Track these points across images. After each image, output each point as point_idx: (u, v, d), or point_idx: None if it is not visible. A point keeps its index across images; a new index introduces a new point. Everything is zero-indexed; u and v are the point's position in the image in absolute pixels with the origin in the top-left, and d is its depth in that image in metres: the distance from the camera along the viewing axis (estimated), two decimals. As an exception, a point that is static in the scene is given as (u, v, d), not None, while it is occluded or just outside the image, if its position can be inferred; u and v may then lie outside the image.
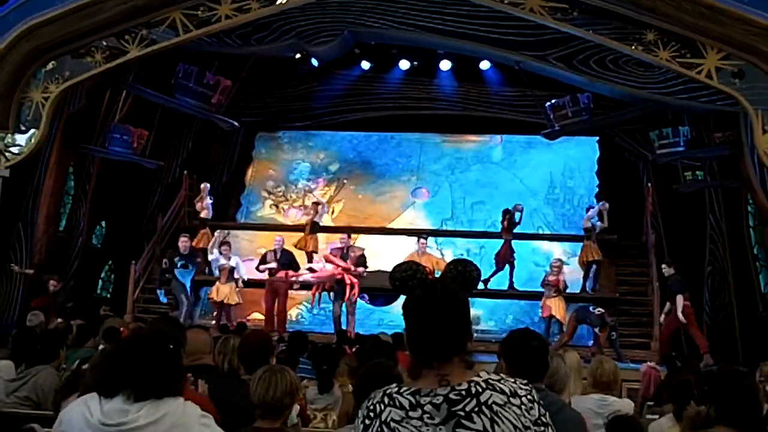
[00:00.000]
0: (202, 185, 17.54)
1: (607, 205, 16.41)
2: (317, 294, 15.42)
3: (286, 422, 4.21)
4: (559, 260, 15.56)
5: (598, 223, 16.26)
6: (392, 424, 2.39)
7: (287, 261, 15.67)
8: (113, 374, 3.09)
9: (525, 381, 2.53)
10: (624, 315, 16.30)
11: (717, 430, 3.77)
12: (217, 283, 15.53)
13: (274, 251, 15.74)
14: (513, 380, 2.49)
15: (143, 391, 3.05)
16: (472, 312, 2.77)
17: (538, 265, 17.67)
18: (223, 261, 15.49)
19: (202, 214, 17.27)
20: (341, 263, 15.09)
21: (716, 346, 15.96)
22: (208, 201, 17.23)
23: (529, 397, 2.46)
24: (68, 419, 3.09)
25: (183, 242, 15.87)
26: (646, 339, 15.25)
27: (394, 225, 19.33)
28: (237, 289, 15.45)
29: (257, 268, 15.72)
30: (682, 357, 13.33)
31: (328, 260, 15.25)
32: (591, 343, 14.77)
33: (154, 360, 3.12)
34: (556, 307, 14.95)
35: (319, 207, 17.24)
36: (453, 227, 19.03)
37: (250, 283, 15.96)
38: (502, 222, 16.52)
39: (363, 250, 16.11)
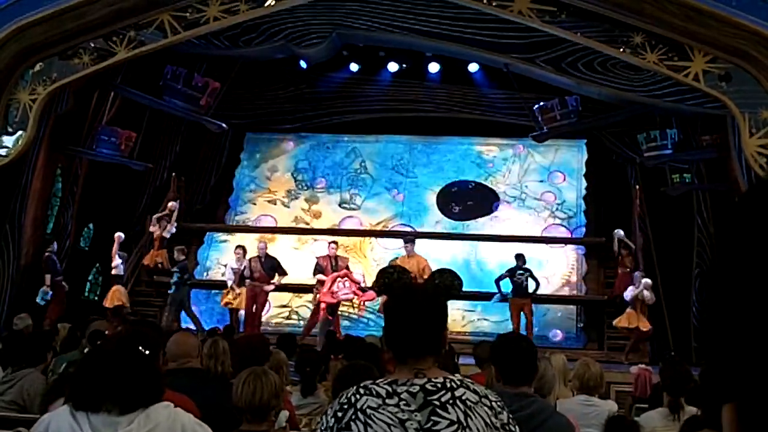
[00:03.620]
0: (171, 204, 17.39)
1: (649, 281, 15.23)
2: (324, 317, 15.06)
3: (273, 424, 4.21)
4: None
5: (630, 297, 15.07)
6: (368, 411, 2.43)
7: (270, 266, 15.60)
8: (89, 388, 3.00)
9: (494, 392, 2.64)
10: (612, 317, 16.33)
11: (704, 433, 3.80)
12: (233, 287, 15.50)
13: (258, 257, 15.68)
14: (484, 388, 2.60)
15: (126, 403, 2.97)
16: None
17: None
18: (236, 265, 15.47)
19: (164, 233, 16.99)
20: (354, 287, 14.79)
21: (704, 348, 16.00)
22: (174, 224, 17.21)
23: (498, 403, 2.56)
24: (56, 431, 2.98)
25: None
26: (635, 341, 15.29)
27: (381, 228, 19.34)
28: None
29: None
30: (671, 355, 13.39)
31: (349, 278, 14.90)
32: None
33: (126, 370, 3.02)
34: None
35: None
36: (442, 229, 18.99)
37: None
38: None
39: (348, 259, 16.03)
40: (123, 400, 2.97)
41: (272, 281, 15.58)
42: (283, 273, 15.72)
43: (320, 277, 15.16)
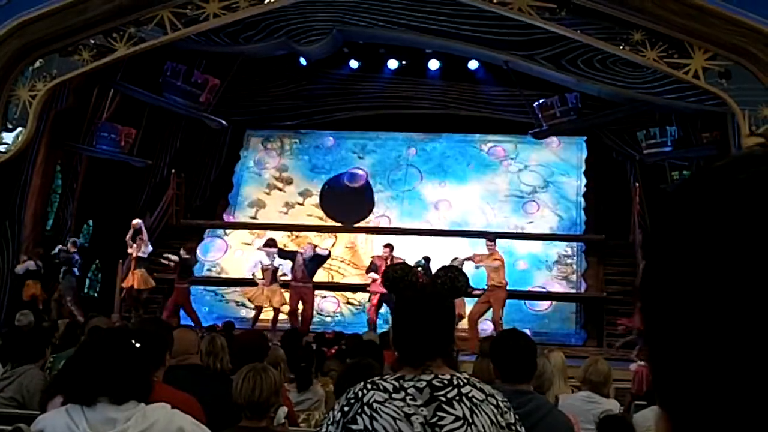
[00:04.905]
0: (135, 222, 16.23)
1: None
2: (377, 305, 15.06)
3: (272, 421, 4.20)
4: None
5: None
6: (374, 405, 2.45)
7: (313, 267, 15.27)
8: (80, 379, 3.00)
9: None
10: (612, 314, 16.33)
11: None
12: (260, 284, 15.19)
13: (302, 254, 15.23)
14: (490, 387, 2.63)
15: (117, 393, 2.96)
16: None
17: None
18: (267, 261, 15.24)
19: (139, 253, 15.87)
20: None
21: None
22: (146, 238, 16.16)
23: (505, 403, 2.59)
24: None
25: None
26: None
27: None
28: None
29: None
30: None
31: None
32: None
33: (115, 360, 3.02)
34: None
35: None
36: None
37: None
38: None
39: (403, 260, 15.79)
40: (113, 390, 2.96)
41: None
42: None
43: (373, 275, 14.98)
